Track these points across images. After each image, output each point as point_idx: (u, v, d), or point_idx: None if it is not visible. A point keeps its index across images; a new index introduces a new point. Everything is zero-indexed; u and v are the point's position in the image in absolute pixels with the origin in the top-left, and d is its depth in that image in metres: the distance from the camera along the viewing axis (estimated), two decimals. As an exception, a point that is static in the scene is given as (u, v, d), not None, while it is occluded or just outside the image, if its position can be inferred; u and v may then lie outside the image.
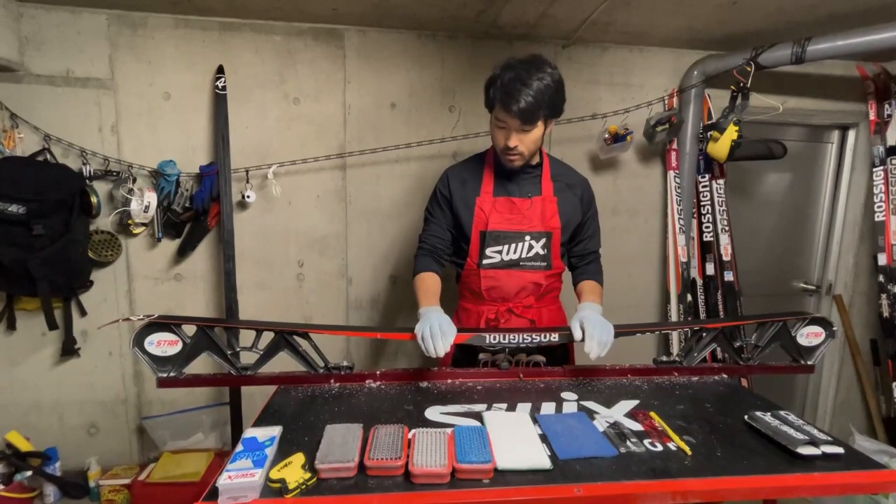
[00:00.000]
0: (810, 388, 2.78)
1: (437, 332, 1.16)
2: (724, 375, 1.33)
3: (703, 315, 2.37)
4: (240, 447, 0.87)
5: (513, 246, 1.40)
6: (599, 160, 2.29)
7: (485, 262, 1.41)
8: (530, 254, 1.41)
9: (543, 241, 1.41)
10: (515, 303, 1.44)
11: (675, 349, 2.32)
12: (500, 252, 1.41)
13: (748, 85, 1.99)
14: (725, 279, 2.36)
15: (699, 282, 2.37)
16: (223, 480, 0.77)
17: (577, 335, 1.21)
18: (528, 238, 1.40)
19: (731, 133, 2.03)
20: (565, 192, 1.44)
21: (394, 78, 2.11)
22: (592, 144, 2.26)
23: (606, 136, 2.13)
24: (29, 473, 1.92)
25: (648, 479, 0.85)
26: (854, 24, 1.85)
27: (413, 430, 0.95)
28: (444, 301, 1.32)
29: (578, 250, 1.51)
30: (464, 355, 1.42)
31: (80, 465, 2.03)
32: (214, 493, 0.76)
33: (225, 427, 2.14)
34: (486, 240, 1.40)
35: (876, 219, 2.36)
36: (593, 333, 1.18)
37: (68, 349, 1.98)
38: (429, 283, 1.38)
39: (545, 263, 1.42)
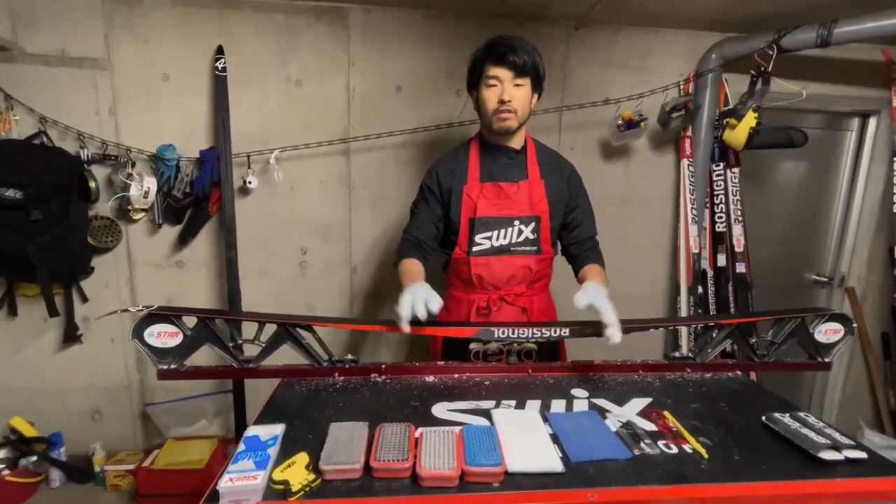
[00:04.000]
0: (818, 381, 2.75)
1: (421, 300, 1.08)
2: (738, 372, 1.30)
3: (712, 307, 2.32)
4: (241, 447, 0.84)
5: (502, 231, 1.38)
6: (610, 147, 2.22)
7: (474, 249, 1.38)
8: (520, 238, 1.38)
9: (532, 225, 1.38)
10: (507, 290, 1.41)
11: (684, 342, 2.28)
12: (489, 238, 1.38)
13: (769, 69, 1.91)
14: (737, 271, 2.31)
15: (710, 273, 2.32)
16: (224, 483, 0.74)
17: (582, 304, 1.13)
18: (517, 223, 1.38)
19: (750, 120, 1.96)
20: (552, 176, 1.41)
21: (399, 60, 2.04)
22: (604, 131, 2.19)
23: (619, 122, 2.06)
24: (34, 458, 1.93)
25: (664, 483, 0.81)
26: (878, 5, 1.76)
27: (420, 430, 0.91)
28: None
29: (574, 237, 1.46)
30: (454, 344, 1.38)
31: (85, 451, 2.04)
32: (215, 497, 0.74)
33: (229, 414, 2.13)
34: (475, 226, 1.37)
35: (894, 209, 2.29)
36: (614, 319, 1.12)
37: (70, 335, 1.97)
38: (414, 269, 1.32)
39: (535, 248, 1.40)
